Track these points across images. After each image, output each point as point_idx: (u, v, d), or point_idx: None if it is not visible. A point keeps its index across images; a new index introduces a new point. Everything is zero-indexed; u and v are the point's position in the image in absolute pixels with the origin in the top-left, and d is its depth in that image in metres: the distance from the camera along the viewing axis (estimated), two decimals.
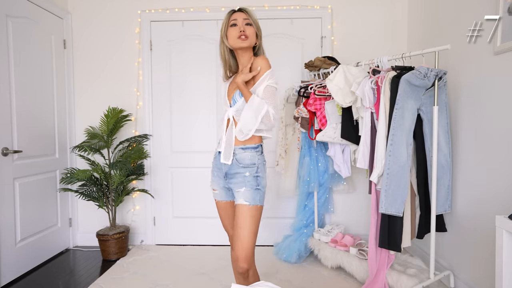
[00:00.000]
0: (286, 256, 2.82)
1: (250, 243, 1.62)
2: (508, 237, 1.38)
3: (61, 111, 3.14)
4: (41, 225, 2.88)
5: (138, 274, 2.64)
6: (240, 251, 1.61)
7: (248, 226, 1.61)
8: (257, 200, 1.65)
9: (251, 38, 1.67)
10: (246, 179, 1.65)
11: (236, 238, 1.63)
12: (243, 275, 1.65)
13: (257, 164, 1.67)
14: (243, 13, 1.69)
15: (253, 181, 1.65)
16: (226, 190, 1.80)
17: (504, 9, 1.84)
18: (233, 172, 1.69)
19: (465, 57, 2.21)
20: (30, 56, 2.77)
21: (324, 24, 3.14)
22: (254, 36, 1.69)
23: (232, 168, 1.69)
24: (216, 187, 1.82)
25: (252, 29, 1.68)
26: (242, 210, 1.63)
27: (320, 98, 2.62)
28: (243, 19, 1.68)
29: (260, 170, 1.68)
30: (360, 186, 3.17)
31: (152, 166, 3.28)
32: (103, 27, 3.24)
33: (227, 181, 1.74)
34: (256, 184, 1.65)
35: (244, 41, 1.65)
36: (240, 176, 1.66)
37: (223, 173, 1.74)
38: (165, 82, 3.25)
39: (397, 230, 2.06)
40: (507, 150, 1.84)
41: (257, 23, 1.71)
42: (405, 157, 2.02)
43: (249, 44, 1.68)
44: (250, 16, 1.69)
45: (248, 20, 1.68)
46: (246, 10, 1.70)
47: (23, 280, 2.59)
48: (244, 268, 1.63)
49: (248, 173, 1.66)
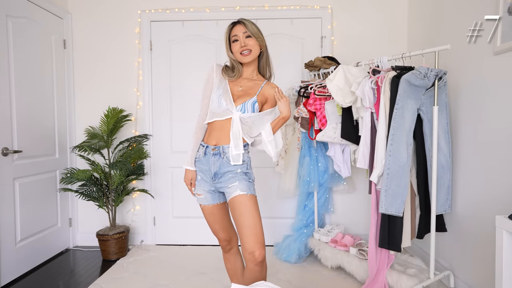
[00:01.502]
0: (286, 256, 2.82)
1: (261, 229, 1.62)
2: (508, 237, 1.38)
3: (61, 111, 3.14)
4: (41, 225, 2.88)
5: (138, 274, 2.64)
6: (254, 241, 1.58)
7: (254, 213, 1.62)
8: (252, 190, 1.70)
9: (254, 51, 1.73)
10: (238, 175, 1.69)
11: (245, 229, 1.60)
12: (262, 263, 1.60)
13: (246, 161, 1.74)
14: (242, 27, 1.72)
15: (244, 176, 1.71)
16: (212, 193, 1.77)
17: (504, 9, 1.84)
18: (223, 171, 1.70)
19: (465, 57, 2.21)
20: (30, 56, 2.77)
21: (324, 24, 3.14)
22: (257, 47, 1.74)
23: (223, 167, 1.70)
24: (201, 191, 1.78)
25: (254, 40, 1.72)
26: (242, 200, 1.64)
27: (320, 98, 2.62)
28: (243, 32, 1.71)
29: (249, 167, 1.76)
30: (360, 186, 3.17)
31: (152, 166, 3.28)
32: (103, 27, 3.24)
33: (215, 181, 1.73)
34: (248, 178, 1.72)
35: (246, 56, 1.72)
36: (231, 173, 1.69)
37: (211, 173, 1.72)
38: (165, 82, 3.25)
39: (397, 230, 2.06)
40: (507, 150, 1.84)
41: (256, 33, 1.72)
42: (405, 157, 2.02)
43: (252, 58, 1.74)
44: (248, 28, 1.71)
45: (247, 33, 1.71)
46: (244, 23, 1.72)
47: (23, 280, 2.59)
48: (263, 254, 1.59)
49: (239, 169, 1.70)
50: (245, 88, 1.77)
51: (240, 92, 1.76)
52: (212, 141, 1.74)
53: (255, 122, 1.73)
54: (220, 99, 1.72)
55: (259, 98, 1.76)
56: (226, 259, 1.92)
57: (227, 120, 1.71)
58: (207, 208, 1.79)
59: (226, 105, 1.71)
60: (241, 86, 1.78)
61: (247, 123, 1.72)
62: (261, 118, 1.75)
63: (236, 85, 1.78)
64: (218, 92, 1.75)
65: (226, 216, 1.85)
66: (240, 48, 1.71)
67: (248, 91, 1.76)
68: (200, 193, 1.78)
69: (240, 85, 1.78)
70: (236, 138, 1.68)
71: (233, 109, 1.71)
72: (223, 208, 1.82)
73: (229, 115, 1.71)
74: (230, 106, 1.71)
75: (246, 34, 1.71)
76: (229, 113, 1.71)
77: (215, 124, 1.74)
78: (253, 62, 1.79)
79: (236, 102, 1.73)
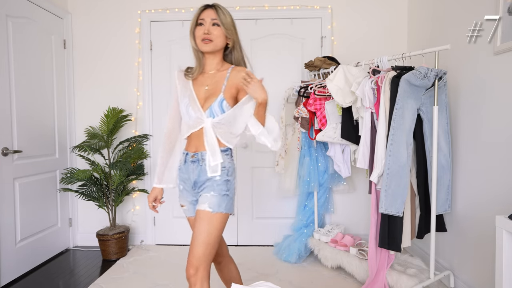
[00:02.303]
0: (286, 256, 2.82)
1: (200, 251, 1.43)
2: (508, 237, 1.38)
3: (61, 111, 3.14)
4: (41, 225, 2.88)
5: (138, 274, 2.64)
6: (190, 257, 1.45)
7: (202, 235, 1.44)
8: (222, 207, 1.49)
9: (216, 42, 1.51)
10: (216, 182, 1.50)
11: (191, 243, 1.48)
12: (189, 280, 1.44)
13: (227, 167, 1.54)
14: (212, 11, 1.51)
15: (222, 185, 1.51)
16: (194, 204, 1.60)
17: (504, 9, 1.84)
18: (203, 179, 1.53)
19: (465, 57, 2.21)
20: (30, 56, 2.77)
21: (324, 24, 3.14)
22: (222, 38, 1.52)
23: (202, 175, 1.53)
24: (184, 202, 1.63)
25: (220, 30, 1.51)
26: (201, 216, 1.47)
27: (320, 98, 2.62)
28: (211, 19, 1.50)
29: (230, 174, 1.55)
30: (360, 186, 3.17)
31: (152, 166, 3.27)
32: (103, 27, 3.24)
33: (195, 191, 1.57)
34: (226, 189, 1.52)
35: (205, 45, 1.51)
36: (210, 181, 1.51)
37: (191, 182, 1.56)
38: (165, 82, 3.25)
39: (397, 230, 2.06)
40: (507, 150, 1.84)
41: (228, 23, 1.51)
42: (405, 157, 2.02)
43: (212, 49, 1.52)
44: (218, 15, 1.50)
45: (216, 20, 1.50)
46: (217, 7, 1.52)
47: (23, 280, 2.59)
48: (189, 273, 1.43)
49: (218, 177, 1.51)
50: (211, 86, 1.56)
51: (206, 93, 1.55)
52: (191, 148, 1.57)
53: (231, 120, 1.53)
54: (188, 109, 1.54)
55: (227, 93, 1.53)
56: (219, 271, 1.79)
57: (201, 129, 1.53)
58: (191, 220, 1.63)
59: (195, 114, 1.53)
60: (207, 85, 1.57)
61: (222, 126, 1.52)
62: (239, 112, 1.53)
63: (202, 85, 1.58)
64: (184, 101, 1.56)
65: None
66: (202, 34, 1.49)
67: (213, 90, 1.55)
68: (183, 203, 1.64)
69: (206, 83, 1.57)
70: (212, 148, 1.51)
71: (203, 116, 1.52)
72: None
73: (201, 124, 1.52)
74: (199, 114, 1.52)
75: (214, 21, 1.50)
76: (200, 121, 1.52)
77: (192, 134, 1.56)
78: (217, 54, 1.57)
79: (204, 107, 1.53)
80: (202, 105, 1.54)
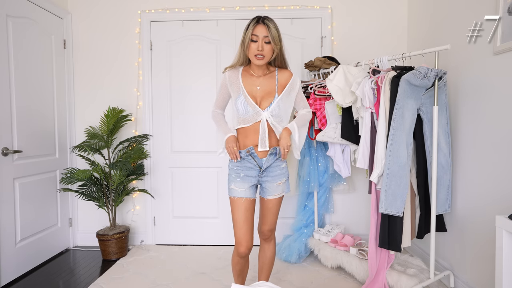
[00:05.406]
0: (286, 256, 2.82)
1: (274, 220, 1.99)
2: (508, 237, 1.38)
3: (61, 111, 3.15)
4: (41, 225, 2.88)
5: (138, 274, 2.64)
6: (265, 225, 1.97)
7: (277, 212, 1.97)
8: (289, 187, 1.95)
9: (266, 58, 1.79)
10: (284, 170, 1.90)
11: (266, 219, 1.95)
12: (268, 239, 2.02)
13: None
14: (264, 29, 1.75)
15: (287, 171, 1.93)
16: (254, 188, 1.88)
17: (504, 9, 1.84)
18: (274, 165, 1.86)
19: (465, 57, 2.21)
20: (30, 56, 2.77)
21: (324, 24, 3.14)
22: (271, 52, 1.79)
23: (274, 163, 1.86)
24: (242, 187, 1.84)
25: (270, 47, 1.77)
26: (278, 201, 1.91)
27: (320, 98, 2.62)
28: (264, 36, 1.75)
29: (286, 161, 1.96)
30: (360, 186, 3.17)
31: (152, 166, 3.28)
32: (103, 27, 3.24)
33: (264, 175, 1.86)
34: (288, 173, 1.94)
35: (259, 60, 1.78)
36: (279, 168, 1.87)
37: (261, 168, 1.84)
38: (165, 82, 3.25)
39: (397, 230, 2.06)
40: (507, 150, 1.84)
41: (276, 38, 1.77)
42: (405, 157, 2.02)
43: (264, 62, 1.81)
44: (270, 32, 1.74)
45: (268, 38, 1.75)
46: (268, 25, 1.75)
47: (23, 280, 2.59)
48: (268, 235, 1.99)
49: (284, 164, 1.90)
50: (264, 87, 1.84)
51: (260, 93, 1.84)
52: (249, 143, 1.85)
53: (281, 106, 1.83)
54: (246, 106, 1.81)
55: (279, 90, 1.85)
56: (239, 263, 1.95)
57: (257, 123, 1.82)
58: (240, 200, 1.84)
59: (253, 110, 1.81)
60: (258, 86, 1.84)
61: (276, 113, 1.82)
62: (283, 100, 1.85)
63: (253, 85, 1.85)
64: (240, 99, 1.83)
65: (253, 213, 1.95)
66: (256, 50, 1.76)
67: (267, 89, 1.84)
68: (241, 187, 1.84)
69: (257, 84, 1.85)
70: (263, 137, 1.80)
71: (260, 112, 1.81)
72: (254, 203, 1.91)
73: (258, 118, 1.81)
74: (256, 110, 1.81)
75: (266, 39, 1.75)
76: (258, 116, 1.81)
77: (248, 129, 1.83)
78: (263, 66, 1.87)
79: (261, 105, 1.83)
80: (259, 103, 1.83)
